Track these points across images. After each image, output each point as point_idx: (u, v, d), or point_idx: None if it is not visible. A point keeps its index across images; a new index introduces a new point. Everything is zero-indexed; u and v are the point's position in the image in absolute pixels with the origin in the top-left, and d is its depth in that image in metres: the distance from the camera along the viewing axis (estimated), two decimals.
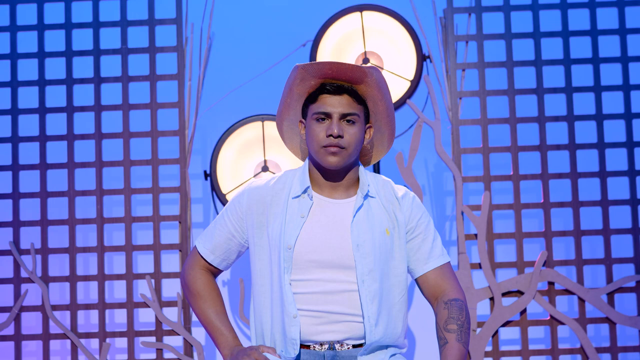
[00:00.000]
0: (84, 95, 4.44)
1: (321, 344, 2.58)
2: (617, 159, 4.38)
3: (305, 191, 2.68)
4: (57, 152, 4.43)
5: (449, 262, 2.73)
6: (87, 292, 4.57)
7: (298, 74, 2.63)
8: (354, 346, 2.59)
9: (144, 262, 4.61)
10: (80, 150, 4.42)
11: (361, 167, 2.75)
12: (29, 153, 4.43)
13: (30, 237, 4.37)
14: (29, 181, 4.42)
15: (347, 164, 2.65)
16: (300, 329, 2.57)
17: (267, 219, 2.69)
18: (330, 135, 2.59)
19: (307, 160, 2.74)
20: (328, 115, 2.62)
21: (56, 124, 4.44)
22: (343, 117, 2.61)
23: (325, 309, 2.61)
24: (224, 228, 2.75)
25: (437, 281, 2.70)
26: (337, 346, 2.59)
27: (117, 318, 4.58)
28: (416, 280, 2.71)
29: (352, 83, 2.64)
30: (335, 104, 2.62)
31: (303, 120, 2.71)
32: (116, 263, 4.64)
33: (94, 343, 4.36)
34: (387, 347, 2.63)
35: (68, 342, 4.35)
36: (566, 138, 4.34)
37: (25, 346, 4.42)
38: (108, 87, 4.44)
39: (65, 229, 4.37)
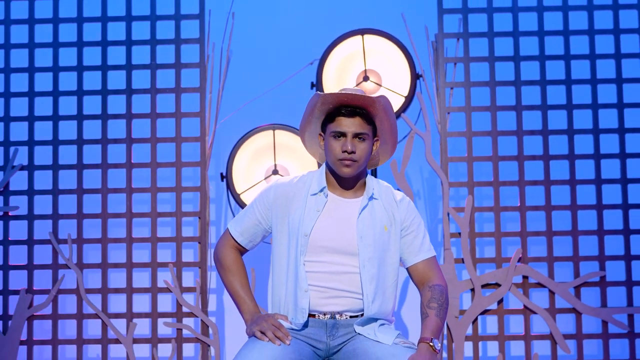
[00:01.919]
0: (117, 104, 4.59)
1: (324, 314, 2.95)
2: (585, 169, 4.52)
3: (321, 190, 3.03)
4: (92, 154, 4.59)
5: (435, 255, 3.07)
6: (117, 278, 4.67)
7: (321, 99, 2.97)
8: (351, 317, 2.97)
9: (167, 253, 4.69)
10: (113, 153, 4.58)
11: (369, 174, 3.08)
12: (67, 155, 4.58)
13: (67, 228, 4.52)
14: (67, 179, 4.57)
15: (357, 172, 3.01)
16: (310, 301, 2.96)
17: (288, 210, 3.03)
18: (345, 151, 2.95)
19: (324, 165, 3.08)
20: (343, 134, 2.97)
21: (92, 129, 4.60)
22: (356, 135, 2.95)
23: (331, 285, 2.95)
24: (252, 215, 3.11)
25: (425, 270, 3.05)
26: (337, 316, 2.96)
27: (143, 301, 4.63)
28: (407, 268, 3.06)
29: (363, 107, 3.01)
30: (349, 124, 2.96)
31: (322, 134, 3.05)
32: (142, 253, 4.68)
33: (122, 323, 4.49)
34: (377, 319, 2.97)
35: (99, 321, 4.50)
36: (541, 150, 4.49)
37: (61, 324, 4.55)
38: (138, 97, 4.59)
39: (99, 222, 4.54)
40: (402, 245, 3.09)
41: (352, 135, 2.98)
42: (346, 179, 3.05)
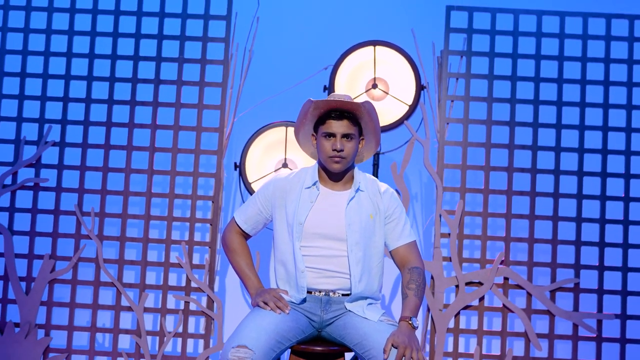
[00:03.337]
0: (145, 92, 4.69)
1: (319, 291, 3.29)
2: (569, 184, 4.65)
3: (314, 184, 3.37)
4: (119, 136, 4.69)
5: (415, 240, 3.39)
6: (133, 251, 4.82)
7: (313, 105, 3.29)
8: (343, 295, 3.31)
9: (180, 232, 4.88)
10: (138, 136, 4.68)
11: (356, 168, 3.36)
12: (96, 135, 4.68)
13: (91, 202, 4.65)
14: (95, 158, 4.68)
15: (346, 167, 3.32)
16: (306, 280, 3.31)
17: (285, 202, 3.37)
18: (335, 149, 3.26)
19: (316, 163, 3.41)
20: (333, 135, 3.29)
21: (121, 113, 4.69)
22: (344, 135, 3.27)
23: (324, 267, 3.29)
24: (255, 206, 3.46)
25: (405, 253, 3.37)
26: (331, 294, 3.30)
27: (155, 274, 4.81)
28: (390, 252, 3.40)
29: (350, 111, 3.31)
30: (338, 126, 3.27)
31: (314, 134, 3.38)
32: (158, 230, 4.90)
33: (135, 292, 4.63)
34: (366, 298, 3.30)
35: (114, 289, 4.69)
36: (529, 163, 4.63)
37: (79, 289, 4.68)
38: (165, 88, 4.72)
39: (120, 199, 4.68)
40: (385, 232, 3.38)
41: (340, 136, 3.28)
42: (336, 174, 3.36)
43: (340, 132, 3.29)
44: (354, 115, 3.32)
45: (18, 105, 4.73)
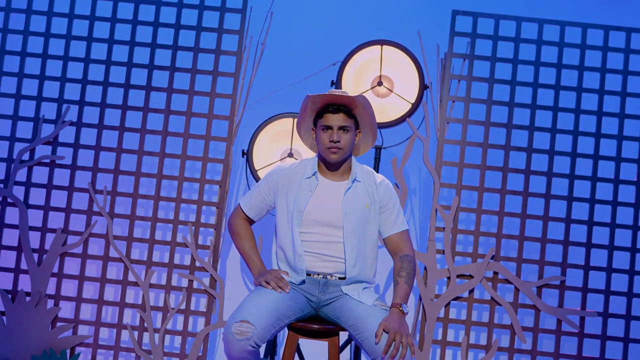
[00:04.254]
0: (160, 79, 4.74)
1: (318, 274, 3.46)
2: (560, 186, 4.73)
3: (314, 174, 3.52)
4: (133, 119, 4.76)
5: (407, 229, 3.53)
6: (141, 229, 4.90)
7: (311, 99, 3.44)
8: (339, 278, 3.47)
9: (188, 213, 4.97)
10: (152, 120, 4.73)
11: (353, 160, 3.50)
12: (112, 117, 4.73)
13: (104, 181, 4.70)
14: (109, 138, 4.73)
15: (343, 158, 3.46)
16: (305, 263, 3.47)
17: (287, 190, 3.53)
18: (332, 141, 3.40)
19: (316, 155, 3.56)
20: (330, 127, 3.44)
21: (136, 98, 4.74)
22: (340, 128, 3.41)
23: (321, 252, 3.45)
24: (259, 194, 3.62)
25: (397, 241, 3.52)
26: (328, 277, 3.47)
27: (162, 252, 4.91)
28: (384, 239, 3.55)
29: (345, 105, 3.46)
30: (334, 119, 3.42)
31: (314, 128, 3.53)
32: (166, 211, 4.94)
33: (142, 269, 4.68)
34: (361, 282, 3.47)
35: (122, 265, 4.74)
36: (524, 165, 4.68)
37: (88, 263, 4.80)
38: (179, 75, 4.76)
39: (132, 179, 4.76)
40: (380, 220, 3.53)
41: (337, 128, 3.43)
42: (333, 164, 3.50)
43: (336, 124, 3.42)
44: (349, 109, 3.45)
45: (38, 86, 4.81)
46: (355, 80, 4.93)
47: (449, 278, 4.67)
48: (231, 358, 3.24)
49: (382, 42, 4.87)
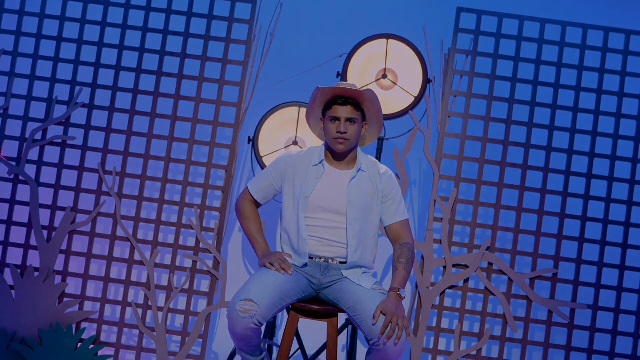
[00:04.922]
0: (171, 65, 4.80)
1: (320, 258, 3.59)
2: (556, 181, 4.76)
3: (320, 162, 3.63)
4: (144, 103, 4.79)
5: (407, 219, 3.64)
6: (149, 210, 4.94)
7: (321, 91, 3.54)
8: (340, 262, 3.59)
9: (194, 196, 5.04)
10: (162, 105, 4.80)
11: (359, 150, 3.59)
12: (123, 100, 4.80)
13: (114, 162, 4.76)
14: (120, 121, 4.78)
15: (349, 149, 3.56)
16: (308, 247, 3.60)
17: (294, 176, 3.63)
18: (339, 132, 3.51)
19: (324, 143, 3.67)
20: (338, 119, 3.54)
21: (147, 82, 4.82)
22: (348, 120, 3.52)
23: (324, 237, 3.56)
24: (267, 178, 3.73)
25: (398, 230, 3.64)
26: (330, 261, 3.59)
27: (168, 233, 4.96)
28: (385, 227, 3.66)
29: (353, 98, 3.56)
30: (342, 111, 3.52)
31: (322, 119, 3.63)
32: (173, 193, 5.03)
33: (147, 249, 4.77)
34: (361, 267, 3.59)
35: (128, 244, 4.77)
36: (521, 160, 4.74)
37: (96, 242, 4.83)
38: (190, 62, 4.81)
39: (141, 161, 4.82)
40: (382, 209, 3.63)
41: (344, 119, 3.53)
42: (340, 154, 3.61)
43: (344, 116, 3.52)
44: (357, 101, 3.55)
45: (52, 67, 4.87)
46: (361, 72, 4.99)
47: (445, 267, 4.73)
48: (234, 335, 3.35)
49: (388, 36, 4.93)
